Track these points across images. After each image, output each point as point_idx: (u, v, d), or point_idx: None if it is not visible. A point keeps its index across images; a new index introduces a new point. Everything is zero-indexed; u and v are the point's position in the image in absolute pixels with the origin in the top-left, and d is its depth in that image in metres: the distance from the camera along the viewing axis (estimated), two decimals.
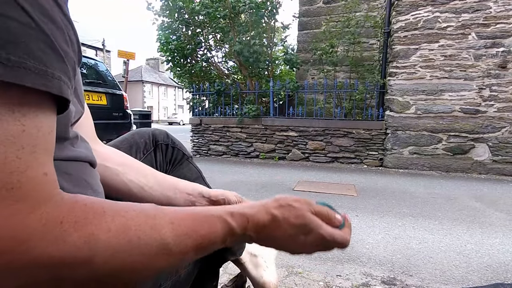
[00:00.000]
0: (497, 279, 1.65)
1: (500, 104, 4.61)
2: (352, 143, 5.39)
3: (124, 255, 0.27)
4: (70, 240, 0.25)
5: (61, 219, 0.25)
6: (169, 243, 0.30)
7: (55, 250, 0.24)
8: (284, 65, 7.50)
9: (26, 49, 0.24)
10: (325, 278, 1.61)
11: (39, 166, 0.25)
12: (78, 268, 0.25)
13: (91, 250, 0.26)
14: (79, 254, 0.25)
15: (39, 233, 0.24)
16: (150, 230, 0.29)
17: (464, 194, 3.49)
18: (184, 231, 0.31)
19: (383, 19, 5.53)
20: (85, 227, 0.26)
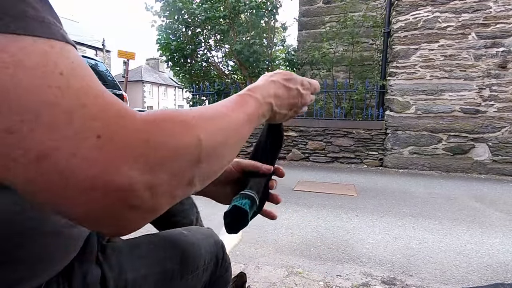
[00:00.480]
0: (497, 279, 1.65)
1: (500, 104, 4.61)
2: (352, 143, 5.39)
3: (215, 133, 0.31)
4: (178, 130, 0.27)
5: (163, 118, 0.26)
6: (236, 123, 0.36)
7: (173, 141, 0.26)
8: (284, 65, 7.49)
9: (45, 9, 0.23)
10: (325, 278, 1.61)
11: (105, 89, 0.25)
12: (192, 152, 0.27)
13: (196, 131, 0.28)
14: (192, 138, 0.27)
15: (156, 131, 0.25)
16: (224, 115, 0.35)
17: (464, 194, 3.49)
18: (240, 115, 0.37)
19: (383, 19, 5.53)
20: (182, 116, 0.28)
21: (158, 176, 0.24)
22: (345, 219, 2.56)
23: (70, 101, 0.21)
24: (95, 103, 0.22)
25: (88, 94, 0.22)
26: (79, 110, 0.21)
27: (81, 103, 0.21)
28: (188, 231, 0.64)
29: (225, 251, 0.72)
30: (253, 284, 1.53)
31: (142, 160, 0.23)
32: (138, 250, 0.52)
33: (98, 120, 0.21)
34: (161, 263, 0.53)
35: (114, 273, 0.47)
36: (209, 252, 0.64)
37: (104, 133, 0.21)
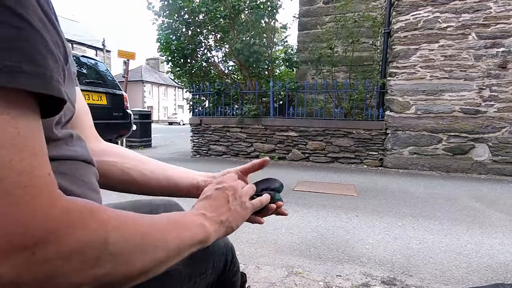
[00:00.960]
0: (497, 279, 1.65)
1: (500, 104, 4.61)
2: (352, 143, 5.39)
3: (130, 239, 0.32)
4: (89, 225, 0.28)
5: (80, 210, 0.28)
6: (168, 240, 0.37)
7: (80, 235, 0.27)
8: (284, 65, 7.49)
9: (22, 53, 0.24)
10: (325, 278, 1.61)
11: (42, 167, 0.26)
12: (97, 249, 0.28)
13: (105, 232, 0.29)
14: (99, 237, 0.28)
15: (65, 222, 0.26)
16: (149, 227, 0.36)
17: (464, 194, 3.49)
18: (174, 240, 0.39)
19: (383, 19, 5.53)
20: (98, 213, 0.30)
21: (41, 267, 0.25)
22: (345, 219, 2.56)
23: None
24: (16, 178, 0.23)
25: (13, 168, 0.23)
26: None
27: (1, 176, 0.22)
28: None
29: (235, 255, 0.71)
30: (253, 284, 1.53)
31: (33, 252, 0.24)
32: None
33: (7, 197, 0.22)
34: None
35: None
36: (218, 254, 0.64)
37: (7, 213, 0.23)
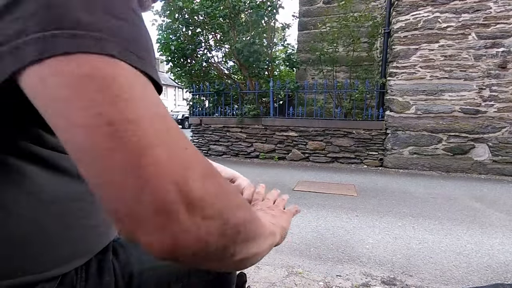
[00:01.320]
0: (497, 279, 1.65)
1: (500, 104, 4.61)
2: (352, 143, 5.39)
3: (250, 221, 0.33)
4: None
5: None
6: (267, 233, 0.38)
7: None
8: (284, 65, 7.50)
9: (152, 56, 0.30)
10: (325, 278, 1.61)
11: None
12: (227, 205, 0.29)
13: (245, 208, 0.32)
14: (243, 213, 0.31)
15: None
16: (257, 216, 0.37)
17: (464, 194, 3.49)
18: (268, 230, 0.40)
19: (383, 19, 5.53)
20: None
21: (214, 202, 0.26)
22: (345, 219, 2.56)
23: (170, 123, 0.26)
24: (181, 134, 0.28)
25: (177, 129, 0.28)
26: (174, 128, 0.26)
27: (175, 125, 0.27)
28: None
29: None
30: (253, 284, 1.53)
31: (207, 177, 0.26)
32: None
33: (184, 139, 0.27)
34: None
35: (120, 264, 0.49)
36: None
37: (190, 148, 0.26)
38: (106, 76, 0.24)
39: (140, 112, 0.24)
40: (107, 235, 0.49)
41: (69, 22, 0.24)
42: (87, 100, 0.23)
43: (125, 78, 0.25)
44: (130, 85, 0.25)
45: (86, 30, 0.24)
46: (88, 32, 0.24)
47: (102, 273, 0.46)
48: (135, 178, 0.22)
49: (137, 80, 0.26)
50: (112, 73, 0.24)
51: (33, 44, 0.23)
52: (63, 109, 0.23)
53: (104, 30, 0.25)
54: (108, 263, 0.47)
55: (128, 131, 0.23)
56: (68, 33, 0.24)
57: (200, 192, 0.25)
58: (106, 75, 0.24)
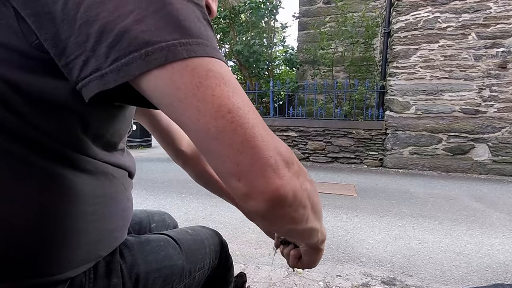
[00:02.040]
0: (497, 279, 1.65)
1: (500, 104, 4.61)
2: (352, 143, 5.39)
3: (317, 206, 0.40)
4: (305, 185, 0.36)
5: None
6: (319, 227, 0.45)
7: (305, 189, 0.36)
8: (284, 65, 7.50)
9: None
10: (325, 278, 1.61)
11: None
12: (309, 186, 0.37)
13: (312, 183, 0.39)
14: (311, 185, 0.38)
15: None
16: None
17: (464, 194, 3.49)
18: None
19: (383, 19, 5.53)
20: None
21: (296, 165, 0.34)
22: (345, 219, 2.57)
23: (253, 113, 0.31)
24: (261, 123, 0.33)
25: (256, 114, 0.32)
26: (255, 110, 0.32)
27: (257, 116, 0.31)
28: (192, 230, 0.67)
29: (228, 251, 0.74)
30: (253, 284, 1.53)
31: (289, 149, 0.34)
32: (148, 247, 0.55)
33: (270, 132, 0.32)
34: (172, 259, 0.56)
35: (127, 265, 0.49)
36: (214, 251, 0.67)
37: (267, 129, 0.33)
38: (217, 74, 0.29)
39: (242, 99, 0.30)
40: (119, 239, 0.49)
41: (184, 33, 0.29)
42: (211, 95, 0.28)
43: (226, 72, 0.30)
44: (230, 77, 0.31)
45: (193, 38, 0.29)
46: (194, 39, 0.30)
47: (110, 275, 0.46)
48: (252, 148, 0.29)
49: (229, 71, 0.31)
50: (220, 70, 0.30)
51: (159, 51, 0.28)
52: (191, 103, 0.28)
53: (202, 37, 0.30)
54: (116, 264, 0.48)
55: (241, 116, 0.29)
56: (183, 42, 0.29)
57: (288, 155, 0.32)
58: (218, 73, 0.30)
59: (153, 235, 0.60)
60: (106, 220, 0.45)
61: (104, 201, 0.44)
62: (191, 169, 0.75)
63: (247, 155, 0.29)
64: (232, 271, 0.76)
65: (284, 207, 0.32)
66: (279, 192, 0.30)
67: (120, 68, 0.28)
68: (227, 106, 0.29)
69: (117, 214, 0.48)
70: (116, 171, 0.48)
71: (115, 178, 0.47)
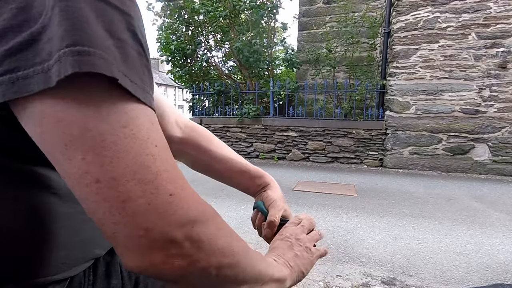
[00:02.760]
0: (497, 279, 1.65)
1: (500, 104, 4.61)
2: (352, 143, 5.39)
3: (246, 262, 0.37)
4: (217, 220, 0.33)
5: (208, 206, 0.33)
6: (266, 270, 0.41)
7: (216, 222, 0.33)
8: (284, 65, 7.49)
9: (140, 73, 0.29)
10: (325, 278, 1.61)
11: (176, 169, 0.31)
12: (225, 249, 0.33)
13: (233, 255, 0.34)
14: (228, 259, 0.33)
15: (209, 209, 0.32)
16: (255, 257, 0.40)
17: (464, 194, 3.49)
18: (270, 268, 0.43)
19: (383, 19, 5.53)
20: (218, 217, 0.34)
21: (192, 244, 0.29)
22: (345, 219, 2.56)
23: (158, 167, 0.28)
24: (173, 171, 0.29)
25: (169, 162, 0.29)
26: (163, 173, 0.28)
27: (165, 168, 0.28)
28: None
29: None
30: None
31: (190, 224, 0.29)
32: None
33: (173, 183, 0.29)
34: None
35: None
36: None
37: (175, 193, 0.28)
38: (97, 134, 0.26)
39: (127, 165, 0.26)
40: None
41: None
42: (80, 158, 0.25)
43: (111, 129, 0.26)
44: (117, 137, 0.26)
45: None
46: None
47: (110, 276, 0.46)
48: (113, 224, 0.27)
49: (128, 120, 0.27)
50: (102, 129, 0.26)
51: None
52: (58, 160, 0.26)
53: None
54: (115, 265, 0.47)
55: (112, 188, 0.26)
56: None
57: (171, 236, 0.28)
58: (98, 133, 0.26)
59: None
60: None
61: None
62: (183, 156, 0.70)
63: (108, 229, 0.27)
64: None
65: (156, 278, 0.30)
66: (141, 270, 0.28)
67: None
68: (95, 175, 0.25)
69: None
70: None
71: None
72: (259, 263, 0.40)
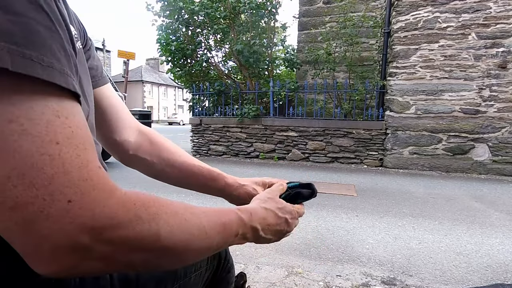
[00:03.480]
0: (497, 279, 1.65)
1: (500, 104, 4.61)
2: (352, 143, 5.39)
3: (177, 232, 0.32)
4: (144, 217, 0.29)
5: (134, 202, 0.29)
6: (205, 226, 0.36)
7: (136, 227, 0.28)
8: (284, 65, 7.49)
9: (51, 51, 0.26)
10: (325, 278, 1.61)
11: (94, 161, 0.28)
12: (149, 244, 0.30)
13: (157, 225, 0.30)
14: (151, 230, 0.30)
15: (122, 213, 0.28)
16: (191, 215, 0.35)
17: (464, 194, 3.49)
18: (212, 219, 0.38)
19: (383, 19, 5.53)
20: (150, 208, 0.30)
21: (105, 247, 0.27)
22: (345, 219, 2.56)
23: (55, 168, 0.24)
24: (78, 172, 0.26)
25: (73, 163, 0.25)
26: (60, 177, 0.24)
27: (64, 170, 0.25)
28: None
29: (228, 252, 0.72)
30: (253, 284, 1.53)
31: (100, 233, 0.26)
32: None
33: (73, 188, 0.25)
34: None
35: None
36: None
37: (75, 200, 0.25)
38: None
39: (17, 164, 0.23)
40: None
41: None
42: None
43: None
44: (2, 130, 0.23)
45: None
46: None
47: (98, 277, 0.44)
48: (6, 231, 0.24)
49: (20, 112, 0.24)
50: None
51: None
52: None
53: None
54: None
55: (1, 191, 0.23)
56: None
57: (76, 242, 0.25)
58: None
59: None
60: None
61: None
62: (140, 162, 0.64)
63: (3, 235, 0.25)
64: (232, 272, 0.74)
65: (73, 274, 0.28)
66: (53, 274, 0.26)
67: None
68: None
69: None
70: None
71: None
72: (214, 235, 0.37)
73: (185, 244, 0.33)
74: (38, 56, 0.24)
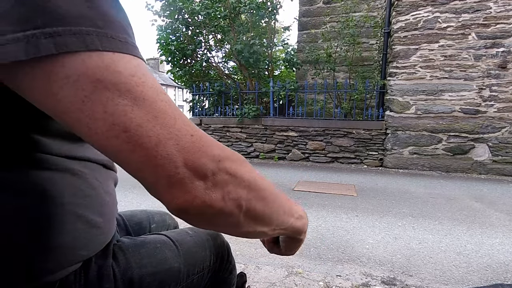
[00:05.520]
0: (497, 279, 1.65)
1: (500, 104, 4.61)
2: (352, 143, 5.39)
3: (269, 189, 0.39)
4: (248, 164, 0.37)
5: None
6: (283, 203, 0.44)
7: (244, 167, 0.36)
8: (284, 65, 7.49)
9: (123, 28, 0.30)
10: (325, 278, 1.61)
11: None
12: (252, 183, 0.35)
13: (256, 174, 0.37)
14: (252, 174, 0.36)
15: (232, 153, 0.35)
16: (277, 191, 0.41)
17: (464, 194, 3.49)
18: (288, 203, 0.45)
19: (383, 19, 5.53)
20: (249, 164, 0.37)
21: (224, 176, 0.31)
22: (345, 219, 2.56)
23: (173, 111, 0.29)
24: (184, 116, 0.31)
25: (177, 109, 0.31)
26: (179, 117, 0.30)
27: (178, 113, 0.30)
28: (193, 231, 0.64)
29: (230, 253, 0.72)
30: (253, 284, 1.53)
31: (217, 158, 0.31)
32: (144, 249, 0.53)
33: (191, 125, 0.30)
34: (168, 262, 0.54)
35: (120, 268, 0.48)
36: (214, 253, 0.64)
37: (195, 134, 0.30)
38: (110, 84, 0.26)
39: (147, 111, 0.27)
40: (101, 237, 0.46)
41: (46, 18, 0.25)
42: (102, 111, 0.26)
43: (125, 77, 0.27)
44: (130, 85, 0.27)
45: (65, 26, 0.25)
46: (67, 27, 0.25)
47: (101, 280, 0.45)
48: (153, 167, 0.28)
49: (135, 71, 0.28)
50: (114, 79, 0.26)
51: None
52: (79, 119, 0.26)
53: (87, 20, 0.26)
54: (108, 269, 0.46)
55: (140, 135, 0.27)
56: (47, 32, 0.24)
57: (206, 167, 0.30)
58: (111, 83, 0.26)
59: (150, 235, 0.58)
60: (79, 220, 0.42)
61: (75, 200, 0.41)
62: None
63: (150, 174, 0.28)
64: (234, 273, 0.74)
65: (196, 217, 0.31)
66: (185, 205, 0.30)
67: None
68: (122, 125, 0.26)
69: (94, 212, 0.44)
70: (85, 165, 0.44)
71: (84, 173, 0.43)
72: (284, 203, 0.43)
73: (273, 204, 0.39)
74: (115, 34, 0.28)
